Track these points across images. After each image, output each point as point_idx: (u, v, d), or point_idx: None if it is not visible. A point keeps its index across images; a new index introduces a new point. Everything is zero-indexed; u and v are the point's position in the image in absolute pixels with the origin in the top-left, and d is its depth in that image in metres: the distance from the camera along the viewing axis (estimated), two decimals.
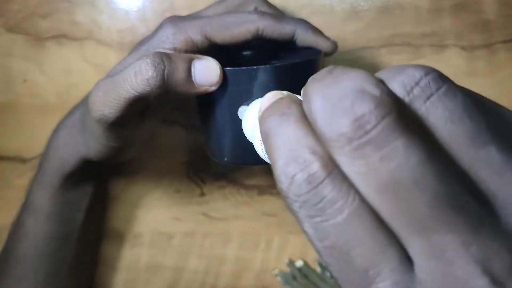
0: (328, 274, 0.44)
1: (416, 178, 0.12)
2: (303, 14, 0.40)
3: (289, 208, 0.15)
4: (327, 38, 0.31)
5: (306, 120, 0.15)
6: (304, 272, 0.45)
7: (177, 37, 0.30)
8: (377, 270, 0.14)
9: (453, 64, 0.40)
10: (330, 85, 0.14)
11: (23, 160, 0.43)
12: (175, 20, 0.31)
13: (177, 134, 0.43)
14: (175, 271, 0.45)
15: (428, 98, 0.13)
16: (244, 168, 0.44)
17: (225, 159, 0.30)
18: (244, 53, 0.34)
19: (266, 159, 0.21)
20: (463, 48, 0.40)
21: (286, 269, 0.45)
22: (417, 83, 0.14)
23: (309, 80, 0.15)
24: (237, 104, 0.27)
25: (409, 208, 0.13)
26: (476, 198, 0.13)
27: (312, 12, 0.40)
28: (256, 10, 0.31)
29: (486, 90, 0.41)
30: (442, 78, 0.14)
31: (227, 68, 0.27)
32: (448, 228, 0.13)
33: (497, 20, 0.39)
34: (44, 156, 0.36)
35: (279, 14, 0.31)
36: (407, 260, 0.14)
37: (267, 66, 0.26)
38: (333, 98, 0.14)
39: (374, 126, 0.13)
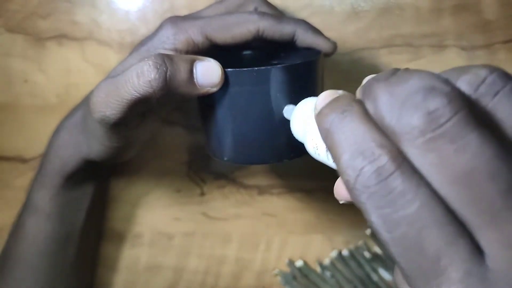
0: (328, 274, 0.44)
1: (491, 170, 0.13)
2: (303, 15, 0.40)
3: (356, 200, 0.15)
4: (327, 39, 0.31)
5: (369, 117, 0.16)
6: (304, 272, 0.45)
7: (178, 37, 0.30)
8: (449, 260, 0.14)
9: (453, 65, 0.40)
10: (396, 84, 0.15)
11: (23, 160, 0.43)
12: (175, 20, 0.31)
13: (177, 134, 0.43)
14: (175, 271, 0.45)
15: (495, 94, 0.14)
16: (244, 168, 0.43)
17: (226, 158, 0.30)
18: (244, 53, 0.34)
19: (318, 157, 0.21)
20: (463, 48, 0.40)
21: (286, 269, 0.45)
22: (483, 81, 0.14)
23: (369, 80, 0.16)
24: (237, 104, 0.27)
25: (483, 199, 0.13)
26: None
27: (312, 13, 0.40)
28: (256, 10, 0.31)
29: None
30: (507, 76, 0.14)
31: (228, 69, 0.27)
32: None
33: (497, 20, 0.39)
34: (45, 157, 0.36)
35: (279, 15, 0.31)
36: (477, 252, 0.14)
37: (268, 67, 0.26)
38: (401, 95, 0.14)
39: (448, 120, 0.13)
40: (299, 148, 0.29)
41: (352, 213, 0.44)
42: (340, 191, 0.20)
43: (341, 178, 0.16)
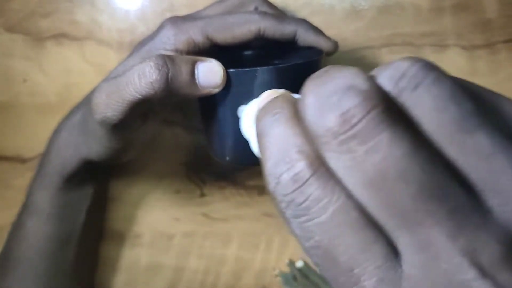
0: None
1: (401, 171, 0.12)
2: (303, 14, 0.39)
3: (277, 209, 0.15)
4: (328, 38, 0.31)
5: (297, 120, 0.15)
6: (305, 273, 0.44)
7: (179, 38, 0.30)
8: (362, 268, 0.13)
9: (453, 64, 0.40)
10: (323, 83, 0.14)
11: (22, 160, 0.43)
12: (176, 20, 0.30)
13: (177, 135, 0.43)
14: (175, 271, 0.45)
15: (415, 88, 0.13)
16: (244, 168, 0.43)
17: (227, 158, 0.30)
18: (245, 53, 0.34)
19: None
20: (463, 48, 0.40)
21: (286, 269, 0.45)
22: (403, 74, 0.13)
23: (308, 78, 0.15)
24: (239, 105, 0.27)
25: (394, 201, 0.13)
26: (464, 188, 0.13)
27: (312, 12, 0.39)
28: (256, 10, 0.31)
29: None
30: (428, 67, 0.13)
31: (230, 70, 0.27)
32: (434, 221, 0.12)
33: (498, 19, 0.39)
34: (44, 157, 0.36)
35: (280, 14, 0.31)
36: (394, 256, 0.13)
37: (269, 67, 0.26)
38: (323, 95, 0.13)
39: (360, 120, 0.13)
40: None
41: None
42: None
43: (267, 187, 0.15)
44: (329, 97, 0.13)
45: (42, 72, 0.41)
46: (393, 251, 0.13)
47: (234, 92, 0.27)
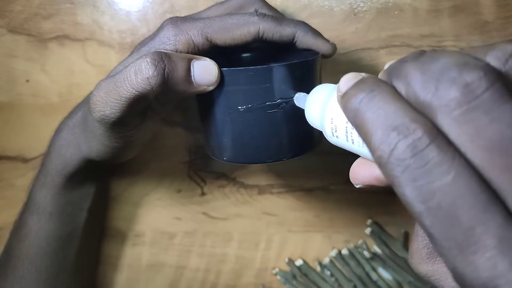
0: (327, 273, 0.44)
1: None
2: (302, 16, 0.39)
3: (389, 175, 0.15)
4: (327, 41, 0.31)
5: (399, 95, 0.16)
6: (304, 271, 0.45)
7: (179, 38, 0.30)
8: (483, 228, 0.14)
9: None
10: (428, 62, 0.15)
11: (24, 160, 0.43)
12: (176, 21, 0.31)
13: (178, 135, 0.43)
14: (176, 270, 0.45)
15: None
16: (244, 168, 0.43)
17: (224, 158, 0.30)
18: (244, 55, 0.34)
19: (335, 140, 0.21)
20: (461, 49, 0.40)
21: (286, 267, 0.45)
22: (510, 55, 0.15)
23: (396, 62, 0.17)
24: (235, 104, 0.28)
25: None
26: None
27: (311, 14, 0.40)
28: (256, 12, 0.31)
29: None
30: None
31: (225, 69, 0.27)
32: None
33: (496, 21, 0.39)
34: (46, 156, 0.36)
35: (279, 16, 0.31)
36: (510, 218, 0.14)
37: (264, 66, 0.27)
38: (435, 71, 0.15)
39: (484, 92, 0.14)
40: (297, 147, 0.29)
41: (351, 212, 0.44)
42: (357, 175, 0.20)
43: (373, 156, 0.16)
44: (445, 72, 0.14)
45: (44, 73, 0.42)
46: (510, 214, 0.14)
47: (229, 91, 0.27)
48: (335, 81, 0.40)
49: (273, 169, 0.43)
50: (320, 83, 0.31)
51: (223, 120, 0.28)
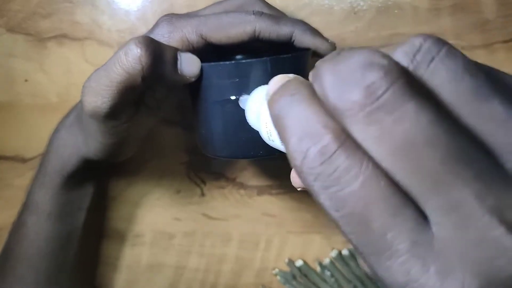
0: (327, 273, 0.44)
1: (428, 137, 0.13)
2: (302, 14, 0.39)
3: (305, 184, 0.15)
4: (325, 40, 0.31)
5: (316, 99, 0.15)
6: (304, 272, 0.44)
7: (173, 35, 0.30)
8: (395, 232, 0.14)
9: None
10: (339, 63, 0.14)
11: (23, 160, 0.43)
12: (171, 18, 0.30)
13: (177, 135, 0.42)
14: (176, 270, 0.45)
15: (431, 61, 0.14)
16: (244, 168, 0.43)
17: (217, 153, 0.30)
18: (238, 56, 0.34)
19: (272, 143, 0.21)
20: (462, 48, 0.40)
21: (286, 268, 0.45)
22: (418, 50, 0.14)
23: (318, 62, 0.16)
24: (225, 98, 0.28)
25: (423, 166, 0.13)
26: (485, 152, 0.13)
27: (311, 12, 0.39)
28: (254, 11, 0.31)
29: None
30: (441, 42, 0.14)
31: (212, 63, 0.28)
32: (462, 183, 0.13)
33: (496, 20, 0.39)
34: (45, 156, 0.36)
35: (277, 15, 0.31)
36: (423, 220, 0.14)
37: (250, 60, 0.27)
38: (343, 72, 0.14)
39: (385, 92, 0.13)
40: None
41: None
42: (294, 178, 0.20)
43: (291, 164, 0.15)
44: (351, 73, 0.14)
45: (43, 72, 0.41)
46: (422, 216, 0.14)
47: (218, 85, 0.28)
48: None
49: (272, 170, 0.43)
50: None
51: (213, 115, 0.29)
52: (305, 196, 0.43)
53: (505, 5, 0.39)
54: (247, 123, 0.28)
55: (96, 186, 0.39)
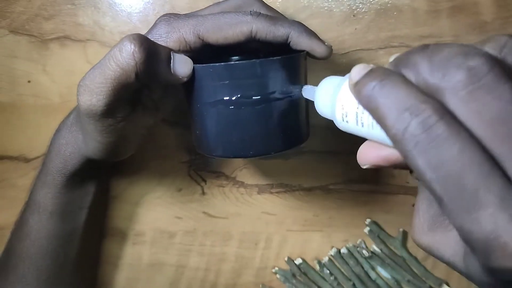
0: (327, 271, 0.44)
1: None
2: (302, 16, 0.39)
3: (403, 149, 0.17)
4: (322, 42, 0.30)
5: (409, 82, 0.18)
6: (303, 270, 0.44)
7: (170, 36, 0.30)
8: (486, 190, 0.16)
9: None
10: (433, 53, 0.18)
11: (26, 160, 0.43)
12: (169, 19, 0.30)
13: (178, 134, 0.43)
14: (177, 269, 0.45)
15: None
16: (244, 167, 0.43)
17: (211, 153, 0.31)
18: (234, 57, 0.34)
19: (345, 125, 0.22)
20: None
21: (286, 266, 0.45)
22: (504, 45, 0.17)
23: (403, 54, 0.19)
24: (217, 99, 0.28)
25: None
26: None
27: (311, 14, 0.39)
28: (251, 12, 0.31)
29: None
30: None
31: (204, 65, 0.28)
32: None
33: (494, 21, 0.39)
34: (47, 156, 0.36)
35: (275, 16, 0.31)
36: (508, 181, 0.16)
37: (240, 62, 0.27)
38: (442, 59, 0.17)
39: (486, 74, 0.16)
40: (282, 142, 0.30)
41: (350, 211, 0.44)
42: (365, 155, 0.22)
43: (388, 134, 0.18)
44: (451, 60, 0.17)
45: (45, 74, 0.42)
46: (508, 179, 0.16)
47: (213, 86, 0.28)
48: None
49: (272, 169, 0.43)
50: (304, 83, 0.31)
51: (208, 115, 0.29)
52: (305, 195, 0.44)
53: (504, 7, 0.39)
54: (238, 123, 0.29)
55: (98, 185, 0.39)
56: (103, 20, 0.40)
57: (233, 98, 0.28)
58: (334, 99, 0.23)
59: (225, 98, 0.28)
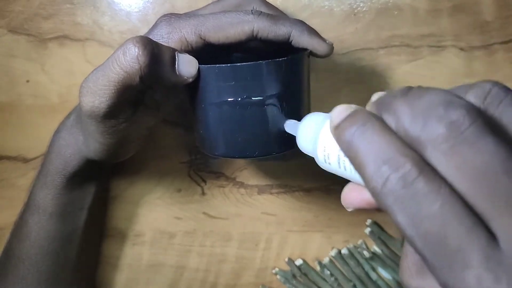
0: (327, 272, 0.44)
1: (505, 167, 0.15)
2: (302, 16, 0.39)
3: (382, 204, 0.17)
4: (323, 40, 0.30)
5: (389, 129, 0.17)
6: (304, 271, 0.44)
7: (172, 36, 0.29)
8: (469, 248, 0.15)
9: (451, 65, 0.40)
10: (415, 99, 0.17)
11: (25, 160, 0.43)
12: (170, 19, 0.30)
13: (178, 135, 0.42)
14: (176, 269, 0.45)
15: (499, 103, 0.17)
16: (244, 167, 0.43)
17: (214, 152, 0.30)
18: (236, 54, 0.33)
19: (328, 167, 0.22)
20: (461, 49, 0.39)
21: (286, 267, 0.45)
22: (488, 93, 0.17)
23: (384, 96, 0.19)
24: (222, 100, 0.28)
25: (498, 191, 0.15)
26: None
27: (311, 14, 0.39)
28: (252, 10, 0.30)
29: None
30: (507, 88, 0.17)
31: (209, 65, 0.27)
32: None
33: (495, 21, 0.39)
34: (46, 157, 0.35)
35: (276, 15, 0.31)
36: (492, 239, 0.15)
37: (246, 63, 0.27)
38: (422, 108, 0.16)
39: (467, 128, 0.15)
40: (284, 142, 0.29)
41: (351, 212, 0.43)
42: (348, 199, 0.21)
43: (366, 186, 0.17)
44: (432, 109, 0.16)
45: (44, 73, 0.41)
46: (492, 235, 0.15)
47: (218, 86, 0.28)
48: (335, 81, 0.40)
49: (273, 170, 0.43)
50: (308, 81, 0.30)
51: (213, 116, 0.29)
52: (305, 195, 0.43)
53: (504, 6, 0.39)
54: (243, 124, 0.28)
55: (98, 185, 0.39)
56: (102, 19, 0.40)
57: (239, 99, 0.28)
58: (316, 139, 0.22)
59: (230, 99, 0.28)
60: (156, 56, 0.26)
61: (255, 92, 0.28)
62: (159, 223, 0.44)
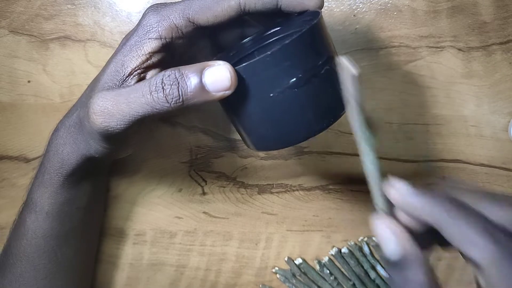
0: (327, 271, 0.44)
1: None
2: None
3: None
4: None
5: None
6: (303, 270, 0.44)
7: (161, 24, 0.28)
8: None
9: (450, 66, 0.39)
10: None
11: (26, 160, 0.42)
12: (157, 8, 0.29)
13: (179, 134, 0.42)
14: (177, 269, 0.44)
15: None
16: (245, 167, 0.43)
17: (268, 147, 0.29)
18: (243, 42, 0.32)
19: None
20: (459, 49, 0.39)
21: (286, 266, 0.44)
22: None
23: None
24: (265, 91, 0.26)
25: None
26: None
27: None
28: None
29: (483, 91, 0.40)
30: None
31: (263, 56, 0.25)
32: None
33: (494, 22, 0.39)
34: (44, 155, 0.35)
35: None
36: None
37: (292, 38, 0.25)
38: None
39: None
40: (325, 118, 0.27)
41: (350, 211, 0.43)
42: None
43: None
44: None
45: (46, 73, 0.41)
46: None
47: (253, 83, 0.26)
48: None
49: (272, 169, 0.43)
50: (330, 40, 0.28)
51: (258, 111, 0.27)
52: (305, 195, 0.43)
53: (503, 7, 0.38)
54: (300, 105, 0.26)
55: (95, 184, 0.38)
56: (103, 20, 0.40)
57: (300, 75, 0.26)
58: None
59: (290, 81, 0.25)
60: (184, 91, 0.25)
61: (306, 66, 0.26)
62: (159, 222, 0.44)
